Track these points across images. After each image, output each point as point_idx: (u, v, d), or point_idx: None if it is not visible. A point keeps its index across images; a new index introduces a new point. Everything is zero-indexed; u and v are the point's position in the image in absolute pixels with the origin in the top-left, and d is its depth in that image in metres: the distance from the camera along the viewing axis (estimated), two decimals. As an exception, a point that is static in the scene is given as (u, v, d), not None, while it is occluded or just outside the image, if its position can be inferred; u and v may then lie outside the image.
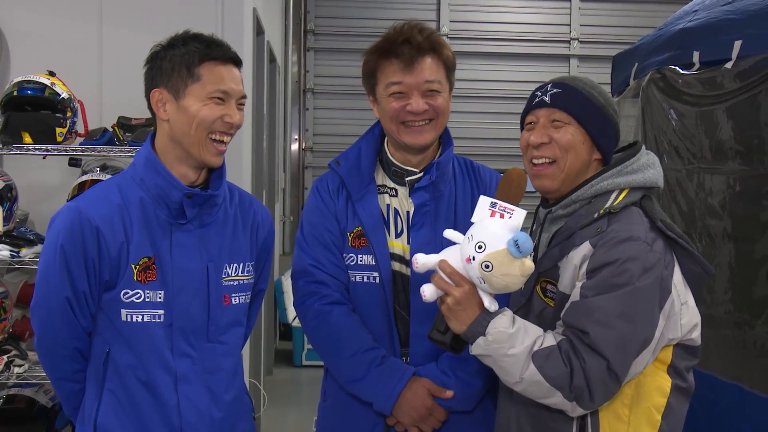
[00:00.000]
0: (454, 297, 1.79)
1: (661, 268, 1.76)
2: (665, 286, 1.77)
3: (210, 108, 1.92)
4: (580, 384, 1.71)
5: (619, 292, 1.72)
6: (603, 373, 1.71)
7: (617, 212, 1.82)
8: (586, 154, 1.90)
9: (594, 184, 1.88)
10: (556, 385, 1.72)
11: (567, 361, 1.72)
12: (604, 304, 1.72)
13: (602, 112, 1.91)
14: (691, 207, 3.46)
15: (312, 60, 8.46)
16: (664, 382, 1.82)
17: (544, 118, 1.91)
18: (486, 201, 1.82)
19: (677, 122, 3.56)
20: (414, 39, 2.10)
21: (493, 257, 1.70)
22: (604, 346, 1.70)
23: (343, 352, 2.14)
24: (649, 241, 1.76)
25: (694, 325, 1.85)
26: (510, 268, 1.70)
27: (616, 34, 8.35)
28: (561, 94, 1.91)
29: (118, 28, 3.83)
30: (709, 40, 3.30)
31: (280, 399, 5.82)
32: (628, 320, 1.71)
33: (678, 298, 1.80)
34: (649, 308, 1.74)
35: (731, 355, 3.18)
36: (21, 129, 3.28)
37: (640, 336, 1.73)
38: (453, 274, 1.79)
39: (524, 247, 1.68)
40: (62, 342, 1.94)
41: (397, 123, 2.14)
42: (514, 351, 1.74)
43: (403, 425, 2.13)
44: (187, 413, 1.95)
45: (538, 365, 1.73)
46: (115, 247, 1.90)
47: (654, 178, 1.90)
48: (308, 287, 2.20)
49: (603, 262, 1.75)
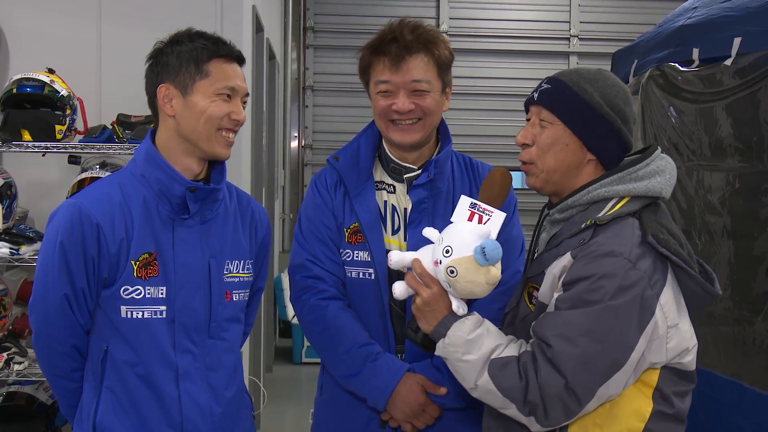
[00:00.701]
0: (423, 298, 1.77)
1: (643, 288, 1.63)
2: (647, 306, 1.64)
3: (218, 105, 1.93)
4: (534, 399, 1.64)
5: (588, 309, 1.62)
6: (560, 391, 1.62)
7: (605, 224, 1.71)
8: (572, 155, 1.79)
9: (590, 191, 1.78)
10: (510, 397, 1.66)
11: (523, 373, 1.65)
12: (571, 318, 1.63)
13: (594, 111, 1.77)
14: (690, 204, 3.46)
15: (311, 57, 8.46)
16: (643, 406, 1.70)
17: (534, 116, 1.84)
18: (466, 201, 1.79)
19: (676, 119, 3.56)
20: (402, 37, 2.09)
21: (458, 263, 1.68)
22: (564, 362, 1.62)
23: (338, 348, 2.15)
24: (632, 258, 1.64)
25: (684, 350, 1.72)
26: (475, 275, 1.67)
27: (615, 31, 8.36)
28: (549, 91, 1.81)
29: (118, 25, 3.83)
30: (709, 37, 3.30)
31: (279, 396, 5.83)
32: (594, 340, 1.62)
33: (664, 321, 1.67)
34: (622, 329, 1.62)
35: (731, 351, 3.18)
36: (20, 126, 3.28)
37: (606, 358, 1.62)
38: (423, 275, 1.78)
39: (491, 255, 1.66)
40: (60, 339, 1.93)
41: (386, 121, 2.15)
42: (469, 357, 1.70)
43: (396, 421, 2.14)
44: (188, 409, 1.95)
45: (492, 374, 1.68)
46: (114, 244, 1.90)
47: (658, 188, 1.75)
48: (305, 282, 2.21)
49: (579, 276, 1.66)
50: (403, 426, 2.14)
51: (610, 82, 1.81)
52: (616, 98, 1.79)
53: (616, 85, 1.81)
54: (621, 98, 1.80)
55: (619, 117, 1.79)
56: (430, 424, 2.14)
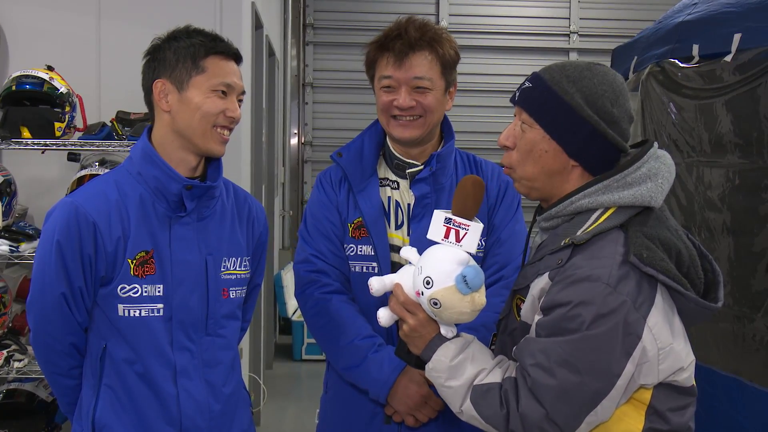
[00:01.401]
0: (409, 325, 1.71)
1: (625, 313, 1.51)
2: (632, 331, 1.52)
3: (213, 101, 1.93)
4: (516, 429, 1.57)
5: (565, 338, 1.52)
6: (542, 422, 1.55)
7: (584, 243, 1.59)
8: (552, 162, 1.66)
9: (574, 201, 1.64)
10: (492, 425, 1.61)
11: (504, 401, 1.59)
12: (548, 347, 1.54)
13: (574, 114, 1.62)
14: (690, 200, 3.46)
15: (311, 54, 8.46)
16: (633, 424, 1.59)
17: (517, 117, 1.72)
18: (440, 216, 1.68)
19: (676, 115, 3.56)
20: (407, 34, 2.11)
21: (441, 294, 1.62)
22: (543, 394, 1.54)
23: (341, 340, 2.16)
24: (611, 283, 1.51)
25: (679, 369, 1.60)
26: (460, 305, 1.61)
27: (615, 28, 8.36)
28: (529, 91, 1.68)
29: (117, 22, 3.83)
30: (709, 33, 3.30)
31: (279, 393, 5.83)
32: (572, 370, 1.52)
33: (654, 343, 1.54)
34: (603, 358, 1.52)
35: (730, 348, 3.18)
36: (20, 124, 3.28)
37: (587, 389, 1.52)
38: (406, 303, 1.72)
39: (473, 283, 1.60)
40: (58, 337, 1.93)
41: (387, 116, 2.17)
42: (451, 383, 1.65)
43: (399, 414, 2.14)
44: (186, 406, 1.96)
45: (474, 401, 1.62)
46: (111, 243, 1.90)
47: (647, 196, 1.59)
48: (309, 276, 2.23)
49: (555, 302, 1.55)
50: (406, 419, 2.14)
51: (597, 80, 1.64)
52: (601, 98, 1.63)
53: (604, 82, 1.64)
54: (608, 98, 1.64)
55: (605, 119, 1.63)
56: (432, 417, 2.14)
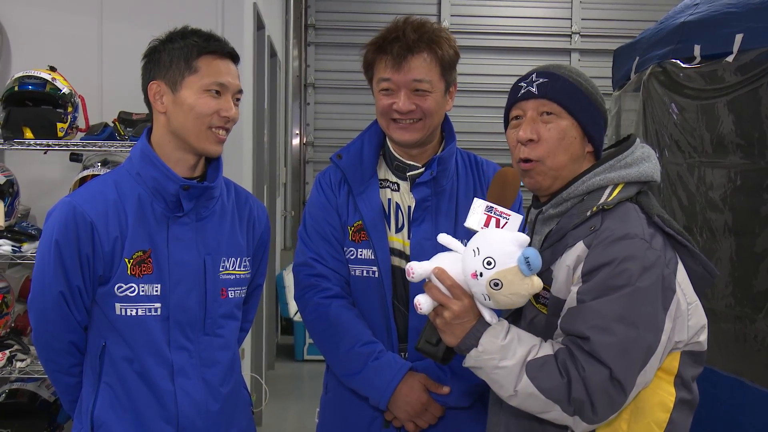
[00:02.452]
0: (453, 311, 1.68)
1: (662, 266, 1.62)
2: (668, 285, 1.63)
3: (205, 101, 1.93)
4: (579, 396, 1.58)
5: (618, 294, 1.59)
6: (605, 383, 1.57)
7: (611, 209, 1.69)
8: (578, 147, 1.77)
9: (585, 180, 1.75)
10: (553, 398, 1.60)
11: (564, 371, 1.59)
12: (602, 307, 1.59)
13: (591, 101, 1.78)
14: (692, 201, 3.46)
15: (313, 55, 8.46)
16: (667, 396, 1.68)
17: (533, 111, 1.78)
18: (481, 205, 1.72)
19: (678, 116, 3.56)
20: (405, 36, 2.08)
21: (503, 275, 1.60)
22: (604, 352, 1.57)
23: (341, 346, 2.14)
24: (647, 238, 1.63)
25: (701, 327, 1.71)
26: (519, 287, 1.60)
27: (617, 28, 8.34)
28: (548, 84, 1.78)
29: (119, 23, 3.83)
30: (710, 33, 3.30)
31: (281, 393, 5.83)
32: (630, 324, 1.58)
33: (684, 298, 1.67)
34: (652, 311, 1.60)
35: (732, 349, 3.18)
36: (22, 124, 3.28)
37: (643, 342, 1.59)
38: (453, 287, 1.68)
39: (535, 264, 1.59)
40: (58, 336, 1.95)
41: (387, 119, 2.15)
42: (505, 363, 1.63)
43: (399, 421, 2.13)
44: (183, 405, 1.96)
45: (531, 376, 1.61)
46: (108, 242, 1.91)
47: (650, 172, 1.76)
48: (308, 280, 2.21)
49: (599, 262, 1.61)
50: (406, 425, 2.14)
51: (586, 76, 1.83)
52: (597, 90, 1.83)
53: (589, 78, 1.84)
54: (598, 91, 1.83)
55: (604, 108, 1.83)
56: (433, 423, 2.13)
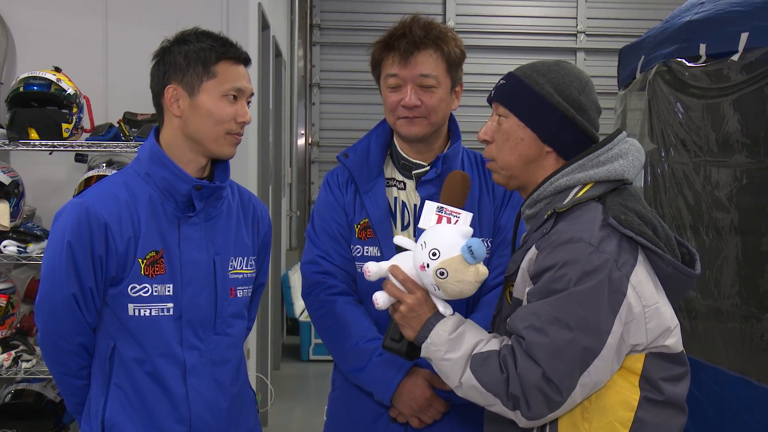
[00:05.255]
0: (407, 304, 1.76)
1: (608, 271, 1.61)
2: (617, 288, 1.62)
3: (224, 106, 1.94)
4: (515, 392, 1.62)
5: (554, 297, 1.62)
6: (538, 382, 1.60)
7: (567, 210, 1.70)
8: (528, 149, 1.79)
9: (553, 181, 1.77)
10: (493, 392, 1.65)
11: (504, 367, 1.64)
12: (539, 309, 1.63)
13: (545, 101, 1.76)
14: (698, 200, 3.45)
15: (318, 55, 8.47)
16: (630, 396, 1.67)
17: (493, 112, 1.84)
18: (432, 206, 1.80)
19: (684, 115, 3.55)
20: (412, 33, 2.12)
21: (447, 264, 1.69)
22: (537, 352, 1.61)
23: (346, 342, 2.16)
24: (593, 242, 1.62)
25: (666, 330, 1.69)
26: (464, 274, 1.68)
27: (622, 27, 8.35)
28: (503, 86, 1.82)
29: (124, 23, 3.84)
30: (716, 32, 3.29)
31: (287, 393, 5.84)
32: (563, 327, 1.60)
33: (638, 301, 1.64)
34: (590, 315, 1.61)
35: (738, 348, 3.17)
36: (27, 125, 3.29)
37: (578, 345, 1.60)
38: (406, 281, 1.77)
39: (478, 253, 1.67)
40: (67, 338, 1.94)
41: (395, 116, 2.17)
42: (450, 355, 1.69)
43: (404, 416, 2.14)
44: (195, 405, 1.97)
45: (473, 369, 1.67)
46: (122, 243, 1.91)
47: (620, 170, 1.73)
48: (315, 278, 2.23)
49: (543, 266, 1.66)
50: (411, 421, 2.15)
51: (564, 72, 1.79)
52: (569, 87, 1.77)
53: (571, 74, 1.79)
54: (575, 87, 1.78)
55: (573, 106, 1.77)
56: (437, 418, 2.14)
